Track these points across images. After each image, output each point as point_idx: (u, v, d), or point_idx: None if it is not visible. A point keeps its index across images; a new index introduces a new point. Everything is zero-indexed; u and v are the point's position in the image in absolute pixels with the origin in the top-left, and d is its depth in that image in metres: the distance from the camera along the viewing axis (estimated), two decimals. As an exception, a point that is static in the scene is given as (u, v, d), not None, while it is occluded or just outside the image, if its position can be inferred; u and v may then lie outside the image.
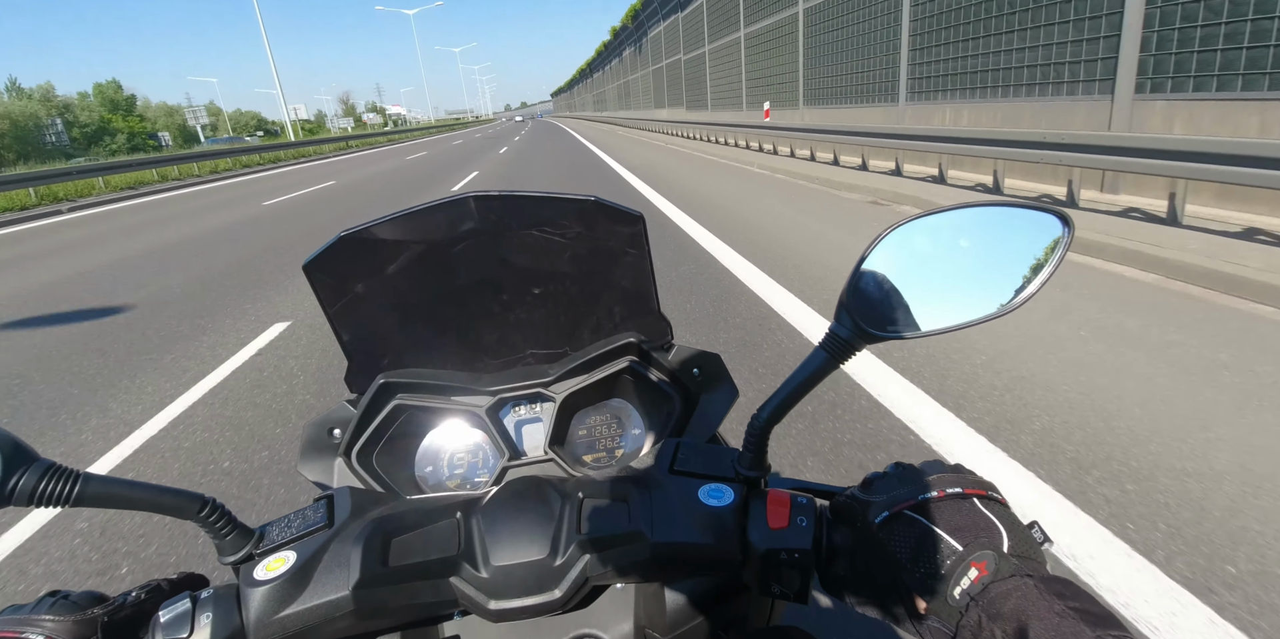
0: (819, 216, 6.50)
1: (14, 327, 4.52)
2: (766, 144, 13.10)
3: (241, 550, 0.41)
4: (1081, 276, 4.05)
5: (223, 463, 2.41)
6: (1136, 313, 3.32)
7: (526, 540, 0.42)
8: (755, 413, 0.43)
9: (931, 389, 2.56)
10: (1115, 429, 2.19)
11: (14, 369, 3.61)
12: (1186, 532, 1.67)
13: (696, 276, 4.46)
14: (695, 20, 20.87)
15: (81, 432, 2.77)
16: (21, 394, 3.24)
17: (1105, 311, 3.36)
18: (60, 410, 3.00)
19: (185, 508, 0.39)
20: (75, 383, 3.33)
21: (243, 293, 4.96)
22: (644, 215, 0.63)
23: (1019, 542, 0.36)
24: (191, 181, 17.62)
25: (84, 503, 0.35)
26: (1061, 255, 0.40)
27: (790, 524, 0.41)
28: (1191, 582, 1.50)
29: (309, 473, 0.59)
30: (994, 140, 6.44)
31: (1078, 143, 5.47)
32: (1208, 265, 3.77)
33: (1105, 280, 3.99)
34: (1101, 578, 1.51)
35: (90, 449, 2.61)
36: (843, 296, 0.40)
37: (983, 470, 0.64)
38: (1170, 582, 1.49)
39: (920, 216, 0.41)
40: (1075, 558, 1.59)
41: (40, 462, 0.34)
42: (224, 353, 3.62)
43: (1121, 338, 2.98)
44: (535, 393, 0.62)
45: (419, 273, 0.63)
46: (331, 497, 0.45)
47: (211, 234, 8.12)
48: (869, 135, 8.71)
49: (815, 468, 2.08)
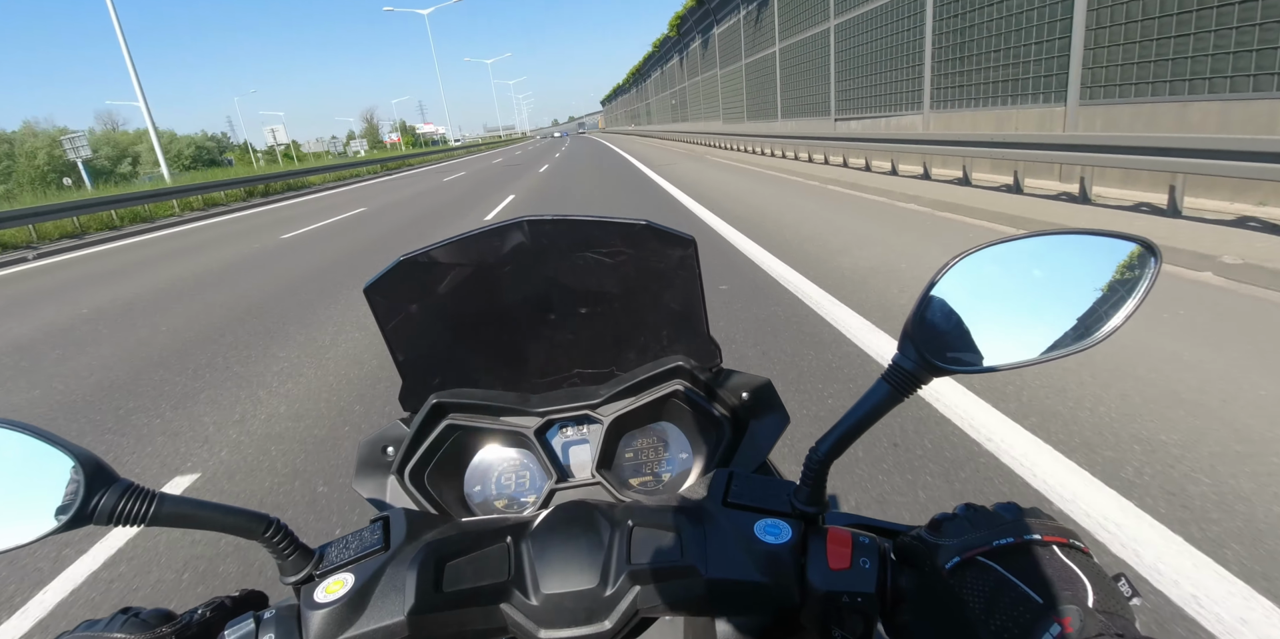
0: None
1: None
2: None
3: (302, 571, 0.42)
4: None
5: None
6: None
7: (576, 569, 0.41)
8: (814, 446, 0.42)
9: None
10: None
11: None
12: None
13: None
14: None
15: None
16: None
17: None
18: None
19: (251, 528, 0.40)
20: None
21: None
22: (695, 239, 0.62)
23: (1105, 596, 0.33)
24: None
25: (159, 522, 0.37)
26: (1148, 286, 0.38)
27: (853, 565, 0.40)
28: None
29: (364, 490, 0.60)
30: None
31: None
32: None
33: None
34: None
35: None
36: (907, 327, 0.39)
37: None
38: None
39: (990, 245, 0.39)
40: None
41: (120, 482, 0.36)
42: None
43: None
44: (583, 414, 0.61)
45: (470, 294, 0.64)
46: (387, 519, 0.46)
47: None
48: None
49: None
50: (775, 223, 6.80)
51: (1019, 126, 8.21)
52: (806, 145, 13.68)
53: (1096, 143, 6.02)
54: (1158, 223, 5.27)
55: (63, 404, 3.52)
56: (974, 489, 2.00)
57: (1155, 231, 4.74)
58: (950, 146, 8.31)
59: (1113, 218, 5.65)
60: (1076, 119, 7.27)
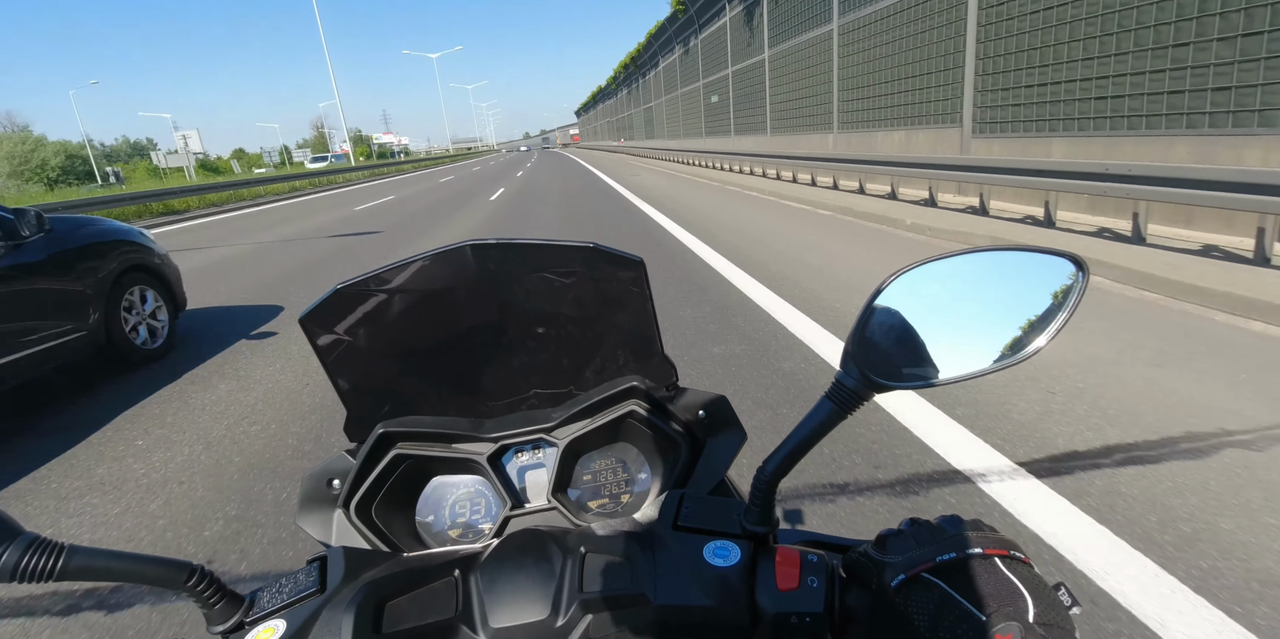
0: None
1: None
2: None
3: (231, 619, 0.40)
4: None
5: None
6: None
7: (527, 600, 0.40)
8: (760, 466, 0.42)
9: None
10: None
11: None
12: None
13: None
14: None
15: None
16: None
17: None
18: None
19: (172, 578, 0.38)
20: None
21: None
22: (644, 260, 0.62)
23: (1045, 608, 0.33)
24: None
25: (68, 577, 0.34)
26: (1077, 299, 0.39)
27: (801, 585, 0.39)
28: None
29: (308, 526, 0.57)
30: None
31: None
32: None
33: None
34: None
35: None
36: (848, 345, 0.39)
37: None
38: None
39: (926, 262, 0.40)
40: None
41: (24, 536, 0.33)
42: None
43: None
44: (538, 439, 0.60)
45: (417, 320, 0.62)
46: (325, 558, 0.44)
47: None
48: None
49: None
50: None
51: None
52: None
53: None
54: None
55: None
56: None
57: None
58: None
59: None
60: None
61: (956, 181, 7.58)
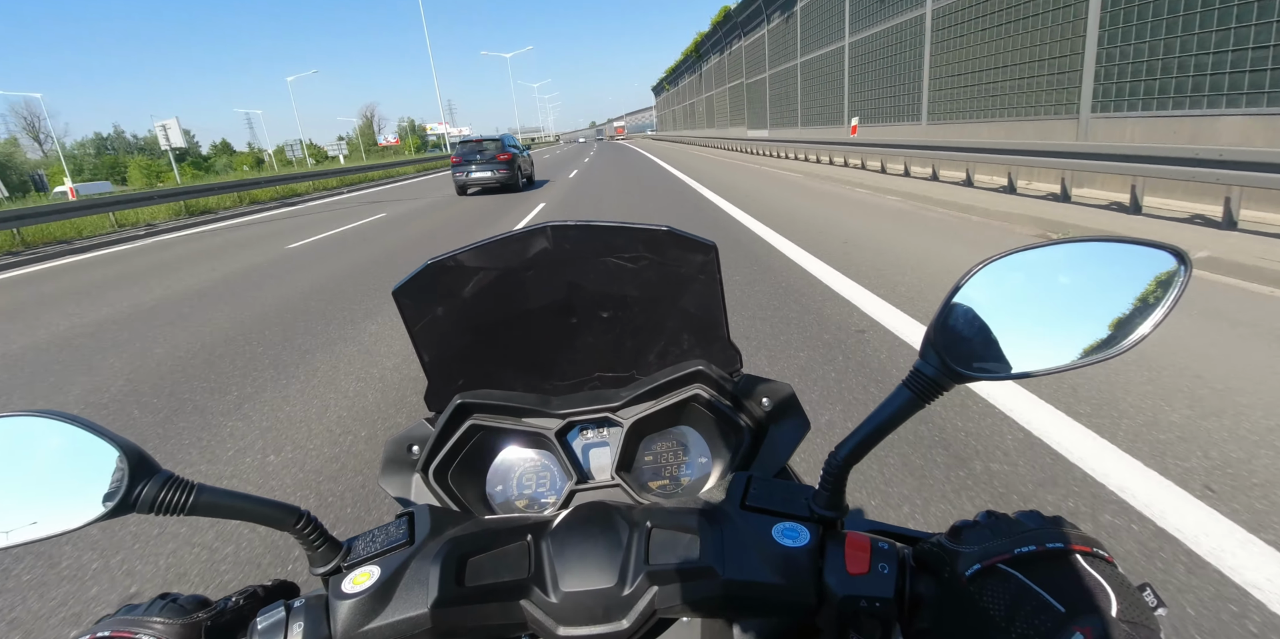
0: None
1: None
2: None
3: (331, 563, 0.43)
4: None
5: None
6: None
7: (595, 568, 0.42)
8: (833, 451, 0.42)
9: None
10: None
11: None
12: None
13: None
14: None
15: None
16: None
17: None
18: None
19: (283, 520, 0.42)
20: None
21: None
22: (716, 244, 0.63)
23: (1129, 606, 0.33)
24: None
25: (198, 512, 0.38)
26: (1178, 294, 0.37)
27: (871, 570, 0.40)
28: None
29: (389, 488, 0.61)
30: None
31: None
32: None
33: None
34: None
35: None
36: (929, 333, 0.38)
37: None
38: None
39: (1015, 251, 0.39)
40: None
41: (161, 473, 0.37)
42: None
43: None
44: (603, 417, 0.62)
45: (495, 297, 0.65)
46: (412, 514, 0.47)
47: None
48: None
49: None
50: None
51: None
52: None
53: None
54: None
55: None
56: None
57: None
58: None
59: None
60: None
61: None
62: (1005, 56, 9.48)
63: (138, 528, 2.19)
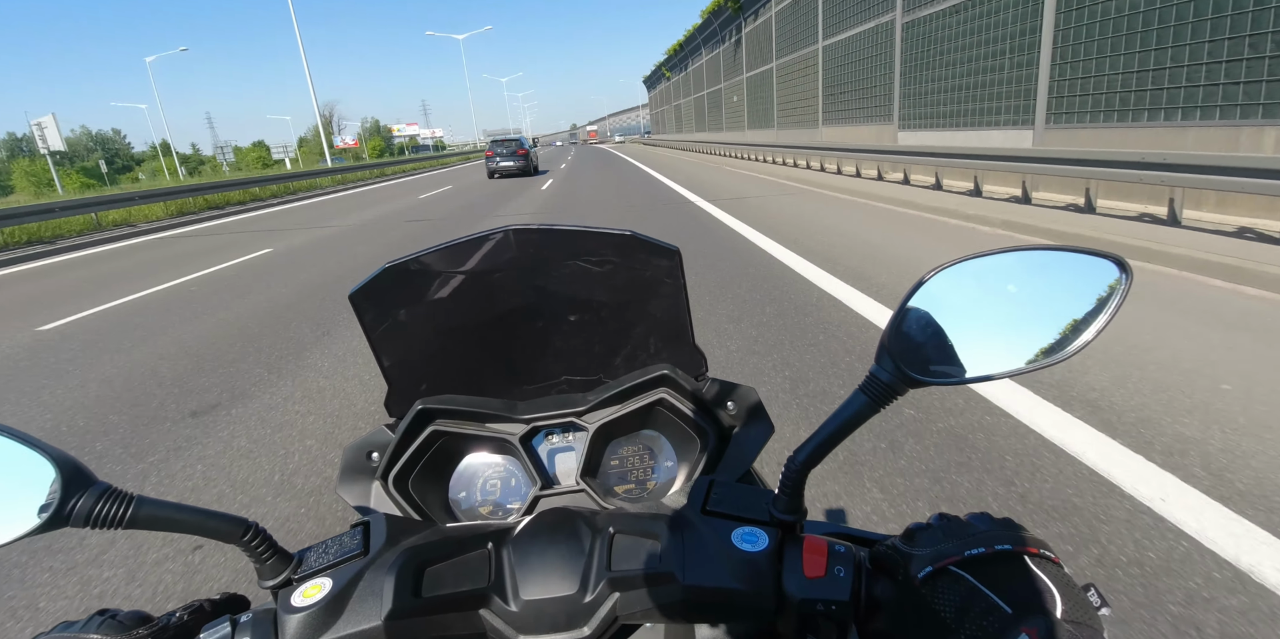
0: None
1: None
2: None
3: (280, 575, 0.42)
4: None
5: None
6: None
7: (557, 575, 0.42)
8: (791, 455, 0.43)
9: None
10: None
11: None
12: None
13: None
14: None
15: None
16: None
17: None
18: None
19: (230, 532, 0.40)
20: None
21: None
22: (680, 249, 0.63)
23: (1073, 607, 0.34)
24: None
25: (137, 525, 0.36)
26: (1119, 302, 0.39)
27: (828, 574, 0.40)
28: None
29: (348, 496, 0.59)
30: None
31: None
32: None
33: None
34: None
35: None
36: (884, 339, 0.39)
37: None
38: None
39: (965, 259, 0.40)
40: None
41: (98, 485, 0.36)
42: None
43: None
44: (568, 422, 0.62)
45: (458, 301, 0.64)
46: (368, 524, 0.46)
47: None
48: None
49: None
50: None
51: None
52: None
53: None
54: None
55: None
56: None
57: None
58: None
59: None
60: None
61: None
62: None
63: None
